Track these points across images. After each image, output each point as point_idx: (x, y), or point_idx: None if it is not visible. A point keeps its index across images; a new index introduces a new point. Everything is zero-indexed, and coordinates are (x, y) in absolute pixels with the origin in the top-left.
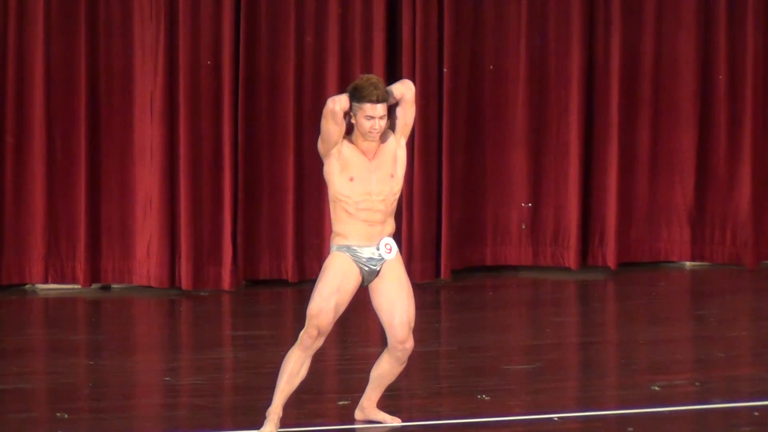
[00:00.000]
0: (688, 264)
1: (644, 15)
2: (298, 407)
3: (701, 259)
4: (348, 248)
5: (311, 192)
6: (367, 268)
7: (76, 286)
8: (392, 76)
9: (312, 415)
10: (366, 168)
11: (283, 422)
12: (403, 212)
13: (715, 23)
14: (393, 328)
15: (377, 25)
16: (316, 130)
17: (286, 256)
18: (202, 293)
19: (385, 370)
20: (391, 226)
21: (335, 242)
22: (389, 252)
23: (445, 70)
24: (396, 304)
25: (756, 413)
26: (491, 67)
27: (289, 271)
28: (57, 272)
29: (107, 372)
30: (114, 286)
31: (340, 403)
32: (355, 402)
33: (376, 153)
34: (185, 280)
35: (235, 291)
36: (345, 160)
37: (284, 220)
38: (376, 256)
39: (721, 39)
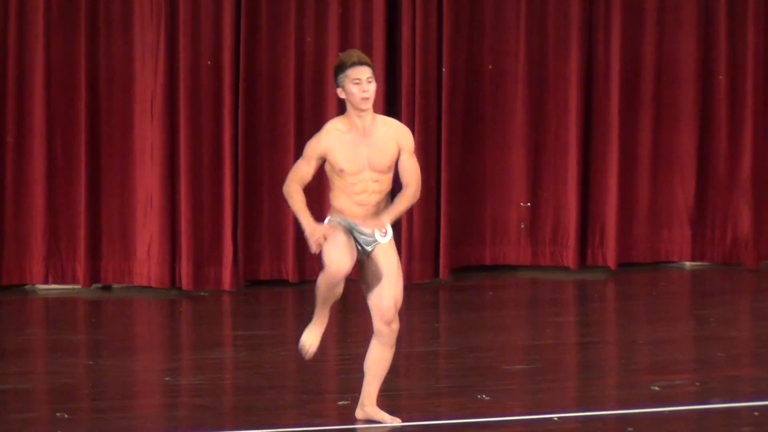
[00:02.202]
0: (687, 264)
1: (644, 15)
2: (298, 407)
3: (701, 259)
4: (344, 220)
5: (312, 192)
6: (361, 240)
7: (76, 287)
8: (392, 76)
9: (312, 415)
10: (358, 147)
11: (283, 422)
12: None
13: (716, 23)
14: (380, 309)
15: (377, 25)
16: (316, 130)
17: (286, 256)
18: (202, 293)
19: (375, 357)
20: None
21: (332, 215)
22: (384, 235)
23: (444, 70)
24: (384, 285)
25: (756, 413)
26: (490, 66)
27: (289, 272)
28: (57, 272)
29: (107, 372)
30: (114, 286)
31: (340, 403)
32: (355, 402)
33: (370, 132)
34: (185, 280)
35: (236, 291)
36: (335, 157)
37: (285, 220)
38: (370, 237)
39: (721, 39)
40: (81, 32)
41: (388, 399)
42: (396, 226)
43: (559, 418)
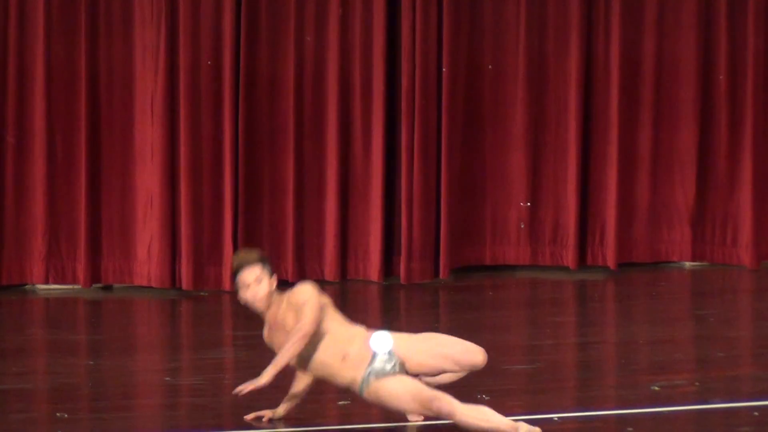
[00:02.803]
0: (687, 264)
1: (644, 15)
2: (298, 407)
3: (701, 259)
4: (371, 376)
5: (311, 192)
6: (377, 371)
7: (76, 286)
8: (392, 75)
9: (312, 415)
10: (278, 337)
11: (283, 422)
12: (402, 212)
13: (716, 23)
14: (465, 362)
15: (377, 25)
16: (316, 130)
17: (286, 256)
18: (202, 293)
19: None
20: (359, 337)
21: (353, 378)
22: (384, 344)
23: (444, 69)
24: (442, 349)
25: (756, 413)
26: (490, 66)
27: (289, 272)
28: (58, 272)
29: (107, 372)
30: (114, 286)
31: (340, 403)
32: (356, 401)
33: (282, 317)
34: (186, 280)
35: (236, 291)
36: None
37: (284, 220)
38: (389, 366)
39: (721, 38)
40: (81, 32)
41: None
42: (396, 225)
43: (559, 418)
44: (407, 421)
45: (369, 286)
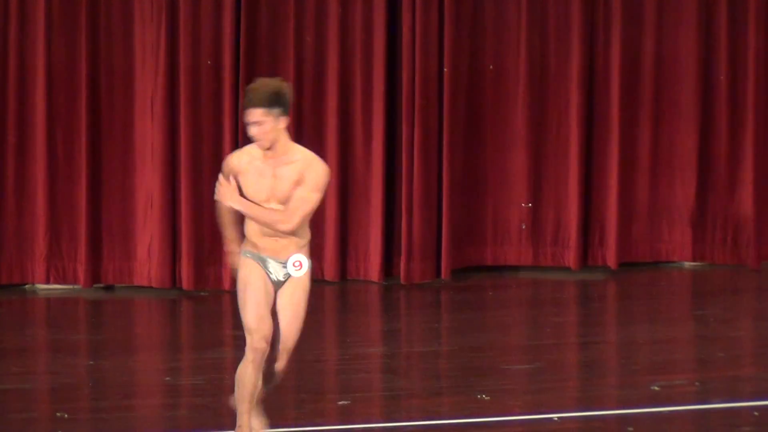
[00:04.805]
0: (687, 264)
1: (645, 14)
2: (299, 407)
3: (702, 259)
4: (256, 255)
5: None
6: (272, 276)
7: (77, 287)
8: (392, 76)
9: (312, 415)
10: (264, 176)
11: (283, 422)
12: (402, 212)
13: (716, 23)
14: (280, 340)
15: (377, 25)
16: (316, 130)
17: None
18: (202, 293)
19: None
20: (300, 241)
21: (244, 248)
22: (299, 269)
23: (445, 70)
24: (288, 324)
25: (756, 413)
26: (491, 66)
27: None
28: (58, 273)
29: (107, 372)
30: (115, 286)
31: (340, 403)
32: (356, 402)
33: (280, 162)
34: (186, 281)
35: (236, 291)
36: (241, 181)
37: None
38: (281, 276)
39: (722, 39)
40: (81, 32)
41: (388, 399)
42: (397, 226)
43: (559, 418)
44: (406, 420)
45: (369, 286)
